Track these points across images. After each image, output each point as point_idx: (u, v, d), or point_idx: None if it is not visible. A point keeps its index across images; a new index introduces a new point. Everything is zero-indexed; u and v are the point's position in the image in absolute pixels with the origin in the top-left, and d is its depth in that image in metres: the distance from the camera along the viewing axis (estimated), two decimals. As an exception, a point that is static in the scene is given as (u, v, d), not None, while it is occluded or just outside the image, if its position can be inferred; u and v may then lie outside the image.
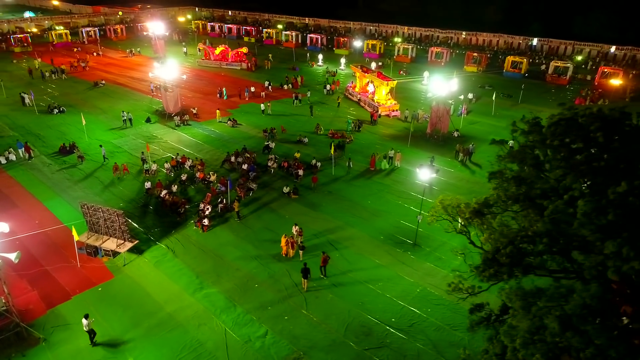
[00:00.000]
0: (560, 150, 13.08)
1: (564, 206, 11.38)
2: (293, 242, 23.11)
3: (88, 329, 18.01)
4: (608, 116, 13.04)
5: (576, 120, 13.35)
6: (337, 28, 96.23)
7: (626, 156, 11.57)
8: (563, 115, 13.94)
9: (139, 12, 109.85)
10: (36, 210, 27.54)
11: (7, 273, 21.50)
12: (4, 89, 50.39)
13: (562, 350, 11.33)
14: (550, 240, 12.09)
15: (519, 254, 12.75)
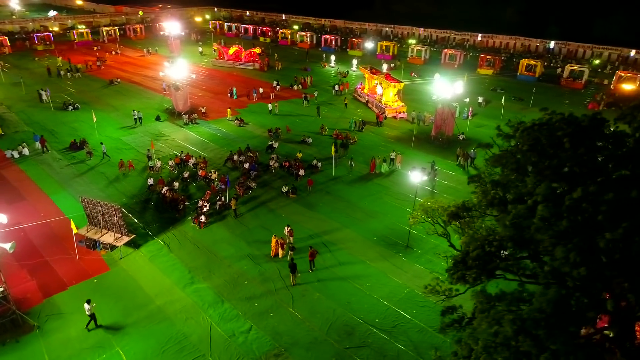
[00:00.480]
0: (531, 156, 13.11)
1: (525, 211, 11.44)
2: (283, 242, 23.43)
3: (90, 313, 18.83)
4: (580, 122, 13.04)
5: (549, 125, 13.38)
6: (352, 29, 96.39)
7: (590, 163, 11.56)
8: (540, 120, 13.99)
9: (159, 11, 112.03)
10: (42, 203, 28.56)
11: (9, 263, 22.55)
12: (24, 85, 52.16)
13: (524, 354, 11.38)
14: (515, 245, 12.15)
15: (486, 257, 12.83)
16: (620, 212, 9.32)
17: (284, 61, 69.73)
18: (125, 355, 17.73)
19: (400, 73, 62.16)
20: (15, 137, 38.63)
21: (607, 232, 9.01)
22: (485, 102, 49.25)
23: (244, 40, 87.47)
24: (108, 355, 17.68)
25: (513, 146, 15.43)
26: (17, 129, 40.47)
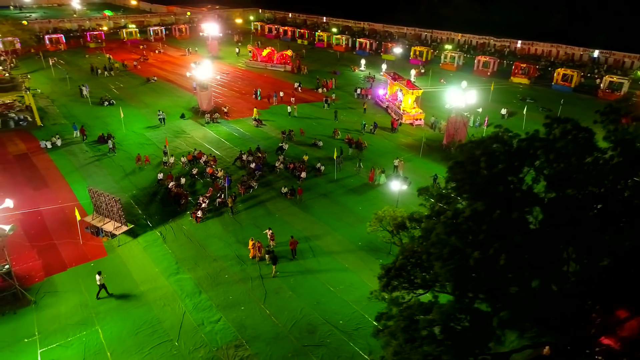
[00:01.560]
0: (459, 173, 13.50)
1: (430, 227, 11.91)
2: (260, 246, 24.40)
3: (100, 283, 21.27)
4: (506, 142, 13.33)
5: (480, 144, 13.72)
6: (391, 33, 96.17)
7: (502, 184, 11.84)
8: (474, 138, 14.34)
9: (206, 12, 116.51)
10: (63, 191, 31.27)
11: (22, 243, 25.12)
12: (69, 81, 56.46)
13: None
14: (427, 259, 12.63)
15: (408, 267, 13.36)
16: (499, 232, 9.69)
17: (317, 64, 71.12)
18: (103, 334, 19.51)
19: (427, 79, 61.81)
20: (52, 128, 42.15)
21: (476, 251, 9.43)
22: (508, 113, 47.81)
23: (282, 42, 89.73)
24: (88, 332, 19.53)
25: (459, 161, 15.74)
26: (55, 121, 44.10)
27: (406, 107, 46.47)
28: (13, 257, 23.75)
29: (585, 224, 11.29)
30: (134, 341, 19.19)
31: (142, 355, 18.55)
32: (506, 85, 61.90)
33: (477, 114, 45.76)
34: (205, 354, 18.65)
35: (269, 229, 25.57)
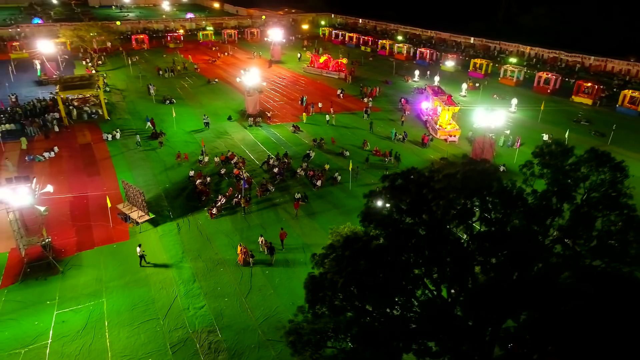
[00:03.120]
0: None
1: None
2: (246, 251, 26.70)
3: (140, 254, 25.64)
4: (420, 175, 14.49)
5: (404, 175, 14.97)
6: (458, 43, 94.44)
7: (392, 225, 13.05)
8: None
9: (281, 16, 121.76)
10: (110, 179, 36.06)
11: (66, 222, 29.79)
12: (142, 79, 63.09)
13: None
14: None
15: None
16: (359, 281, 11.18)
17: (372, 72, 72.47)
18: (106, 306, 23.13)
19: (478, 94, 60.74)
20: (116, 122, 47.96)
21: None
22: (551, 139, 45.36)
23: (347, 49, 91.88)
24: (94, 303, 23.26)
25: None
26: (120, 116, 50.03)
27: (442, 122, 46.60)
28: (56, 232, 28.55)
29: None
30: (129, 315, 22.57)
31: (131, 327, 21.84)
32: (566, 105, 59.00)
33: (506, 136, 44.75)
34: (182, 334, 21.51)
35: (260, 235, 27.87)
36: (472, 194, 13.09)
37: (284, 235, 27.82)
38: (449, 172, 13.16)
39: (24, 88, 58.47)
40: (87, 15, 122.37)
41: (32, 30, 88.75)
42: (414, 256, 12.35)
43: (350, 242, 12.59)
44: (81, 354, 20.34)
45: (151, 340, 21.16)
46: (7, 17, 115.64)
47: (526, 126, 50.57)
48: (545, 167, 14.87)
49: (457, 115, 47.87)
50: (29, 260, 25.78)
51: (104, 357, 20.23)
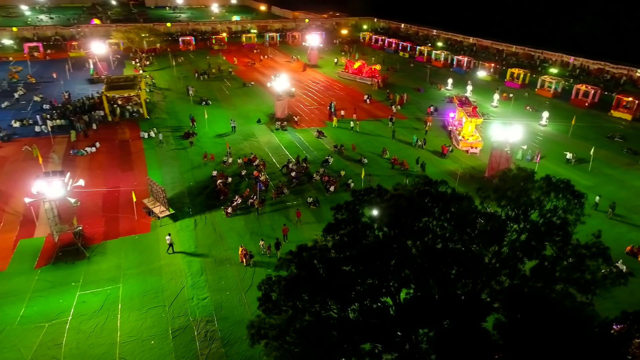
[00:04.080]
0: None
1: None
2: (246, 252, 28.38)
3: (169, 242, 28.38)
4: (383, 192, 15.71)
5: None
6: (500, 51, 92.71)
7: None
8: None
9: (325, 19, 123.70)
10: (141, 175, 39.13)
11: (98, 212, 32.95)
12: (182, 80, 66.86)
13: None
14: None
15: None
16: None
17: (406, 79, 72.89)
18: (122, 291, 25.78)
19: (509, 105, 60.00)
20: (155, 121, 51.50)
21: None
22: (575, 159, 43.90)
23: (386, 54, 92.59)
24: (112, 288, 25.97)
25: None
26: (158, 115, 53.61)
27: (465, 133, 46.78)
28: (87, 221, 31.75)
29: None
30: (140, 301, 25.10)
31: (140, 312, 24.33)
32: (603, 119, 57.14)
33: (524, 150, 44.35)
34: (184, 321, 23.75)
35: (261, 239, 29.61)
36: (418, 214, 14.23)
37: (286, 230, 30.18)
38: (399, 193, 14.38)
39: (77, 86, 63.62)
40: (142, 16, 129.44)
41: (90, 30, 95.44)
42: (363, 266, 13.68)
43: (300, 250, 14.12)
44: (95, 331, 22.99)
45: (156, 325, 23.52)
46: (71, 16, 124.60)
47: (555, 140, 49.71)
48: (499, 193, 15.61)
49: (482, 127, 47.84)
50: (61, 245, 28.97)
51: (113, 336, 22.77)
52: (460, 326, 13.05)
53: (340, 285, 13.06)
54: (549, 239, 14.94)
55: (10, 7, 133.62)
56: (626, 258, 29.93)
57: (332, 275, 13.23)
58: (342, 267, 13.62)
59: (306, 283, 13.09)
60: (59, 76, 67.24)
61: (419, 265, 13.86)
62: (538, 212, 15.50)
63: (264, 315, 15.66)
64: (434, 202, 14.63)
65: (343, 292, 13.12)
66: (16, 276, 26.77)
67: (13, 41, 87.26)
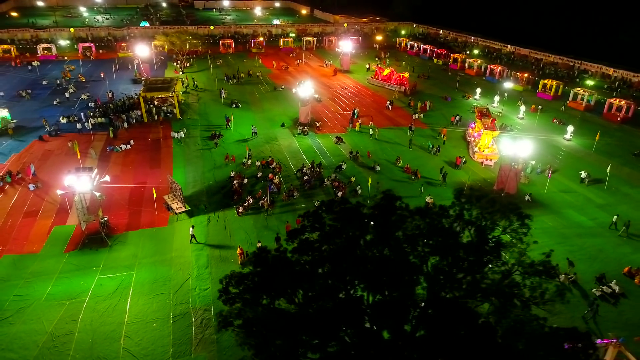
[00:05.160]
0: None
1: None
2: (241, 252, 30.41)
3: (192, 233, 31.55)
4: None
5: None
6: (539, 60, 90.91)
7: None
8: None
9: (365, 24, 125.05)
10: (166, 172, 42.36)
11: (124, 205, 36.34)
12: (218, 82, 70.48)
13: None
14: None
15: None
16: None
17: (435, 87, 73.24)
18: (135, 278, 28.77)
19: (535, 117, 59.41)
20: (187, 122, 55.07)
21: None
22: (589, 178, 42.85)
23: (421, 60, 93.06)
24: (125, 274, 29.02)
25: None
26: (191, 116, 57.19)
27: (482, 145, 47.21)
28: (113, 213, 35.19)
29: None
30: (149, 287, 27.97)
31: (148, 297, 27.18)
32: (636, 136, 55.52)
33: (533, 166, 44.23)
34: (184, 309, 26.36)
35: (258, 241, 31.63)
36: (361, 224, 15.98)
37: (289, 227, 31.79)
38: (347, 206, 16.15)
39: (121, 85, 68.60)
40: (189, 18, 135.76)
41: (140, 32, 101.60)
42: (314, 268, 15.55)
43: (261, 251, 16.17)
44: (107, 311, 26.02)
45: (160, 309, 26.28)
46: (125, 17, 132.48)
47: (577, 156, 49.16)
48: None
49: (500, 139, 48.02)
50: (88, 233, 32.43)
51: (122, 317, 25.70)
52: (383, 326, 14.69)
53: (289, 282, 14.99)
54: (484, 256, 16.16)
55: (71, 8, 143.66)
56: (622, 279, 29.92)
57: (284, 274, 15.19)
58: (296, 267, 15.56)
59: (255, 277, 15.14)
60: (106, 76, 72.53)
61: (355, 270, 15.56)
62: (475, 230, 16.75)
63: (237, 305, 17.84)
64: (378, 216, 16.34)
65: (290, 288, 15.04)
66: (48, 258, 30.39)
67: (69, 41, 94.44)
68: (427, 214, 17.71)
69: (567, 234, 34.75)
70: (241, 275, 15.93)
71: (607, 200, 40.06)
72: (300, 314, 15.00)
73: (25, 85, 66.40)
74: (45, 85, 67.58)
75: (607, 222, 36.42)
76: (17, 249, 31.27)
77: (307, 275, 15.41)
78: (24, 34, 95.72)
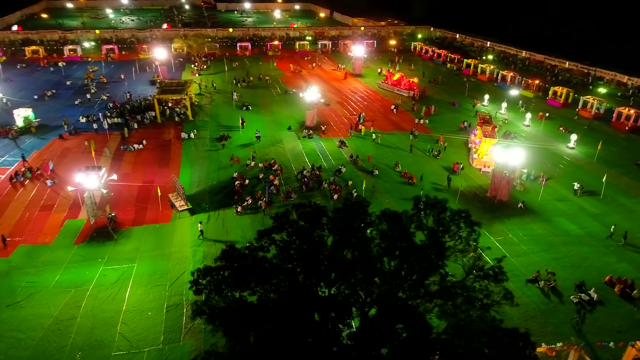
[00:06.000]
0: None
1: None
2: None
3: (200, 229, 33.83)
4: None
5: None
6: (554, 66, 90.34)
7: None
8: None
9: (382, 27, 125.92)
10: (174, 172, 44.72)
11: (132, 202, 38.79)
12: (231, 85, 72.84)
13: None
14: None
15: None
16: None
17: (444, 93, 73.88)
18: (135, 270, 31.05)
19: (539, 125, 59.69)
20: (198, 123, 57.54)
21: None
22: (582, 190, 42.79)
23: (435, 65, 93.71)
24: (128, 266, 31.33)
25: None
26: (202, 118, 59.63)
27: (480, 152, 48.06)
28: (121, 209, 37.68)
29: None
30: (147, 279, 30.20)
31: (146, 288, 29.40)
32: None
33: (527, 173, 44.87)
34: (177, 300, 28.45)
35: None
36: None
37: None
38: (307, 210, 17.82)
39: (140, 87, 71.66)
40: (211, 20, 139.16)
41: (161, 34, 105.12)
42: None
43: (229, 249, 18.03)
44: (107, 299, 28.33)
45: (155, 300, 28.45)
46: (149, 18, 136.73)
47: (578, 165, 49.49)
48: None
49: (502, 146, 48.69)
50: (96, 227, 34.96)
51: (120, 305, 27.97)
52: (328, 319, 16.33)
53: (252, 276, 16.84)
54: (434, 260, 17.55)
55: (98, 9, 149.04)
56: (603, 287, 30.63)
57: (245, 268, 17.04)
58: (264, 263, 17.48)
59: (221, 271, 17.03)
60: (126, 77, 75.84)
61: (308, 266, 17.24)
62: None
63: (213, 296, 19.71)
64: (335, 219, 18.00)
65: (255, 282, 16.88)
66: (58, 249, 33.00)
67: (94, 43, 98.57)
68: (392, 218, 19.23)
69: (554, 242, 35.52)
70: (210, 268, 17.76)
71: (601, 209, 40.50)
72: (260, 306, 16.79)
73: (50, 86, 70.12)
74: (69, 86, 71.20)
75: (596, 231, 37.06)
76: (32, 239, 33.99)
77: (270, 270, 17.16)
78: (52, 35, 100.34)
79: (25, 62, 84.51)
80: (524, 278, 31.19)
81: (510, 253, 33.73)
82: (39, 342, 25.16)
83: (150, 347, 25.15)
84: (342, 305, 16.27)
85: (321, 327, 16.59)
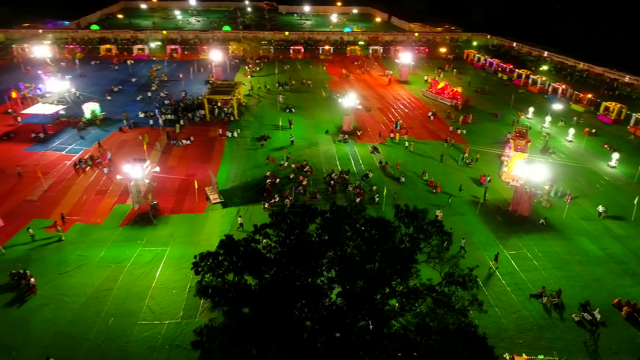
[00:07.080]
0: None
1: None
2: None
3: (240, 222, 37.82)
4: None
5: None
6: (613, 80, 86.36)
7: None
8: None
9: (438, 33, 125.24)
10: (214, 167, 48.75)
11: (173, 193, 43.12)
12: (278, 87, 76.55)
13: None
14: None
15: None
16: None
17: (489, 103, 73.30)
18: (167, 253, 35.01)
19: (582, 140, 58.18)
20: (242, 123, 61.62)
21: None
22: (606, 214, 41.63)
23: (486, 74, 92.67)
24: (161, 249, 35.36)
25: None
26: (246, 118, 63.67)
27: (509, 166, 48.16)
28: (163, 197, 42.06)
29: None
30: (177, 262, 34.04)
31: (174, 270, 33.22)
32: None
33: (555, 191, 44.32)
34: (191, 281, 31.85)
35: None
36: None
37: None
38: (295, 210, 20.34)
39: (195, 86, 77.18)
40: (271, 22, 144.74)
41: (222, 35, 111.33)
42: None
43: (227, 239, 20.91)
44: (140, 276, 32.41)
45: (181, 280, 32.17)
46: (214, 20, 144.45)
47: (616, 184, 48.24)
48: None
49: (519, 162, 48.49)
50: (139, 212, 39.46)
51: (151, 282, 31.94)
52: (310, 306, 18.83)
53: (245, 263, 19.72)
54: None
55: (168, 10, 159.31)
56: (610, 309, 30.67)
57: (239, 257, 19.92)
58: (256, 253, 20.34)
59: (219, 257, 20.00)
60: (185, 76, 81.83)
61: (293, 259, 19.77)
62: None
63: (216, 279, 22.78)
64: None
65: (247, 268, 19.73)
66: (106, 229, 37.74)
67: (161, 42, 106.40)
68: (376, 223, 21.37)
69: (568, 260, 35.61)
70: (208, 253, 20.79)
71: (628, 232, 39.71)
72: (247, 288, 19.60)
73: (118, 82, 77.29)
74: (133, 83, 78.13)
75: (617, 253, 36.66)
76: (86, 219, 39.02)
77: (260, 259, 19.91)
78: (125, 35, 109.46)
79: (99, 59, 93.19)
80: (529, 292, 31.85)
81: (520, 268, 34.41)
82: (81, 307, 29.55)
83: (170, 320, 28.78)
84: (315, 293, 18.71)
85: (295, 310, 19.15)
